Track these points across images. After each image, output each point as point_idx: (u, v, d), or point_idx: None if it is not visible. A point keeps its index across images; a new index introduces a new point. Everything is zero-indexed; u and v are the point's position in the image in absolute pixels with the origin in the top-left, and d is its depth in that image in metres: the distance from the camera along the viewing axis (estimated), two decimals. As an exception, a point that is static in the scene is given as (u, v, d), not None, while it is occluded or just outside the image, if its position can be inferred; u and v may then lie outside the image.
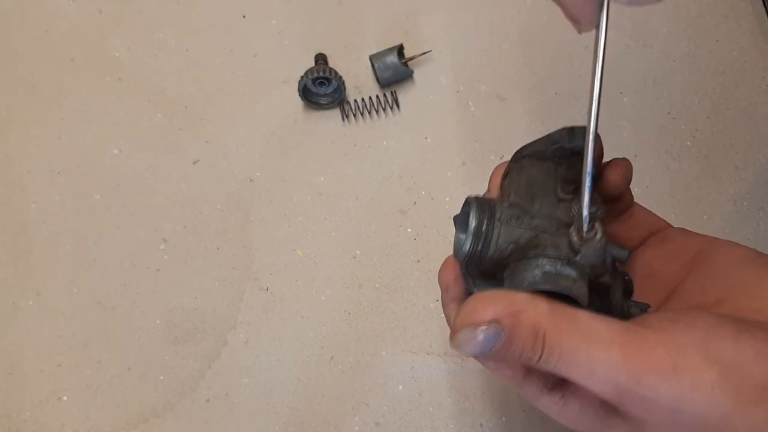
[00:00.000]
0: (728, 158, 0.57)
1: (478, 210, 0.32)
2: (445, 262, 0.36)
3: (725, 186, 0.56)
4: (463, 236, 0.32)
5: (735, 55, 0.60)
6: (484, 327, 0.29)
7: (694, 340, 0.28)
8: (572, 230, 0.31)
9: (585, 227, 0.31)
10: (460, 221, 0.33)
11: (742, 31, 0.61)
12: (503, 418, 0.50)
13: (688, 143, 0.58)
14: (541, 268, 0.31)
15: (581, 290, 0.30)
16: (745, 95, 0.59)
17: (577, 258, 0.31)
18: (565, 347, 0.28)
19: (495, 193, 0.36)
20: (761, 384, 0.27)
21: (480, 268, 0.33)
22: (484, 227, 0.31)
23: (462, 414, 0.50)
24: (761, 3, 0.61)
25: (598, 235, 0.31)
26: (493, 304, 0.29)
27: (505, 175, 0.37)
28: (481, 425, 0.50)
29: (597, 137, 0.34)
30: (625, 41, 0.61)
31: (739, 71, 0.60)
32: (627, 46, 0.61)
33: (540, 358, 0.29)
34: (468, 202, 0.32)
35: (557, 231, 0.32)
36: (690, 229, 0.39)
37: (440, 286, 0.36)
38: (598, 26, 0.29)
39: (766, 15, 0.61)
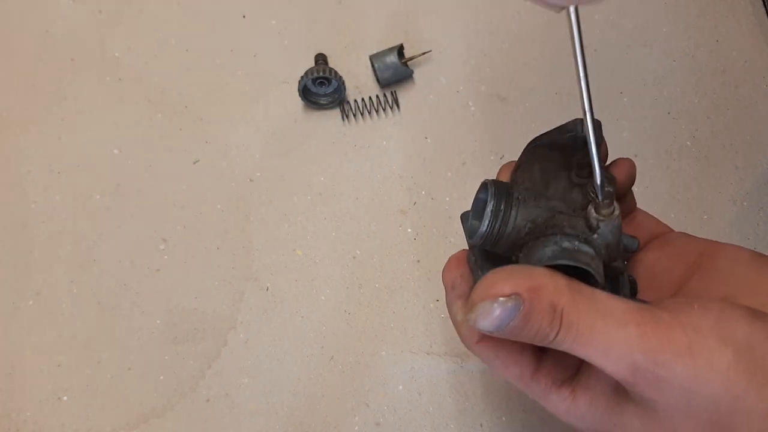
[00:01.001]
0: (728, 158, 0.57)
1: (496, 190, 0.32)
2: (450, 259, 0.36)
3: (725, 186, 0.56)
4: (477, 222, 0.32)
5: (735, 55, 0.60)
6: (503, 299, 0.28)
7: (709, 322, 0.28)
8: (590, 207, 0.31)
9: (599, 190, 0.31)
10: (475, 207, 0.34)
11: (742, 31, 0.61)
12: (503, 418, 0.50)
13: (688, 143, 0.58)
14: (559, 244, 0.31)
15: (599, 267, 0.31)
16: (745, 95, 0.59)
17: (594, 236, 0.31)
18: (582, 324, 0.28)
19: None
20: None
21: (494, 250, 0.33)
22: (502, 206, 0.32)
23: (462, 414, 0.50)
24: (761, 3, 0.61)
25: (616, 211, 0.31)
26: (512, 278, 0.29)
27: (516, 167, 0.37)
28: (481, 425, 0.50)
29: (602, 140, 0.34)
30: (625, 41, 0.61)
31: (739, 71, 0.60)
32: (627, 46, 0.61)
33: (557, 335, 0.28)
34: (485, 184, 0.33)
35: (573, 213, 0.32)
36: (691, 231, 0.39)
37: (444, 285, 0.36)
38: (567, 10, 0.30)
39: (766, 15, 0.61)
